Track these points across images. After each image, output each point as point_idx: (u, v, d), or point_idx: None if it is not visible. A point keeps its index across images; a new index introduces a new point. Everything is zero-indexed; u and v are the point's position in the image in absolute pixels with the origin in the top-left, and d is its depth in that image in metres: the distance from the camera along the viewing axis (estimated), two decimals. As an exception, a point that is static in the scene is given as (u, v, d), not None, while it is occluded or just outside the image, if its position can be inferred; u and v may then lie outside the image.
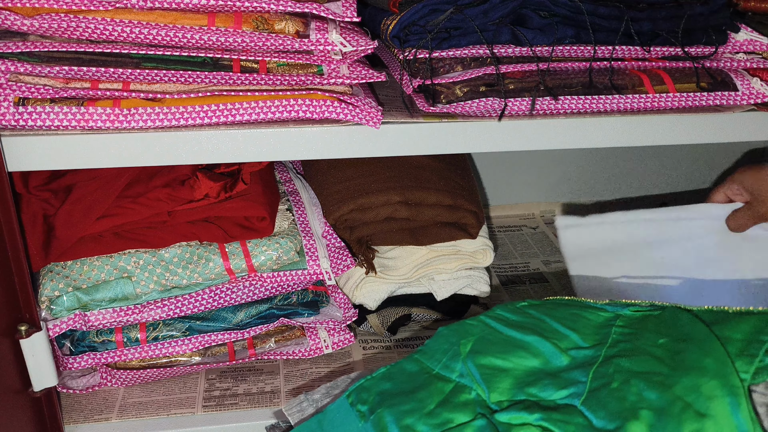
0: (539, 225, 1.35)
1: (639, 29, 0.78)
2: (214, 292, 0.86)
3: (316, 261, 0.88)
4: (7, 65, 0.68)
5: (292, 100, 0.72)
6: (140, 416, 0.85)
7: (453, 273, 0.98)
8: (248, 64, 0.73)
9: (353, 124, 0.74)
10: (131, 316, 0.84)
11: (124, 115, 0.70)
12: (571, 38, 0.77)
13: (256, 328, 0.88)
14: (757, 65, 0.83)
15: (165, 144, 0.71)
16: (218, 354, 0.90)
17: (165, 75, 0.71)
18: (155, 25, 0.69)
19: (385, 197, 0.94)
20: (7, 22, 0.67)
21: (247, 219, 0.86)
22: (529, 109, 0.76)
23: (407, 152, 0.77)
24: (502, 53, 0.76)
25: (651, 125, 0.80)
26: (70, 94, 0.70)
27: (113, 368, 0.88)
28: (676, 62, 0.81)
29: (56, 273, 0.82)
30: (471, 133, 0.76)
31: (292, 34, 0.73)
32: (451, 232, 0.97)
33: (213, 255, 0.85)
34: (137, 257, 0.84)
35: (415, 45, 0.75)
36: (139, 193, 0.82)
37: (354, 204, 0.94)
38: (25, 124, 0.68)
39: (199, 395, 0.89)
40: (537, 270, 1.19)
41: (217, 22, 0.71)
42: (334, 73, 0.74)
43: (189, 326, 0.86)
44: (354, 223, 0.95)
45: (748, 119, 0.82)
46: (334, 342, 0.93)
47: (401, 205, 0.94)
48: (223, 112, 0.71)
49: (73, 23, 0.68)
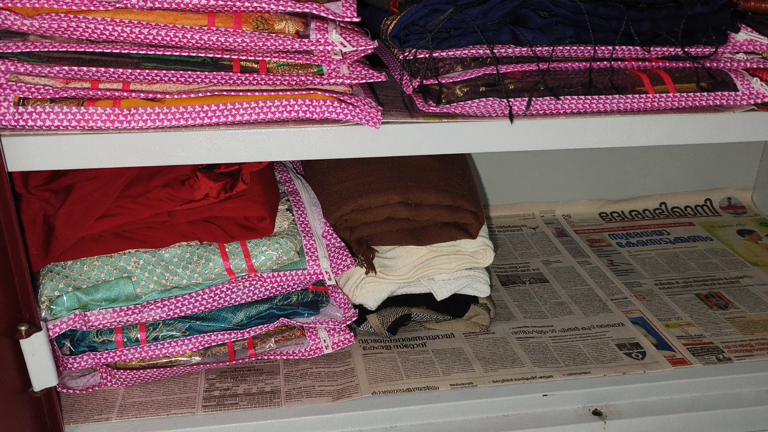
0: (539, 225, 1.35)
1: (639, 29, 0.78)
2: (214, 292, 0.86)
3: (316, 261, 0.88)
4: (7, 65, 0.68)
5: (292, 100, 0.72)
6: (140, 416, 0.85)
7: (453, 273, 0.98)
8: (248, 64, 0.73)
9: (353, 124, 0.74)
10: (131, 316, 0.84)
11: (124, 115, 0.70)
12: (571, 38, 0.77)
13: (256, 328, 0.88)
14: (757, 65, 0.83)
15: (165, 144, 0.71)
16: (218, 354, 0.90)
17: (165, 75, 0.71)
18: (155, 25, 0.69)
19: (385, 197, 0.94)
20: (7, 22, 0.67)
21: (247, 219, 0.86)
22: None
23: (407, 152, 0.77)
24: (502, 53, 0.76)
25: (651, 125, 0.80)
26: (70, 94, 0.70)
27: (113, 368, 0.88)
28: (676, 62, 0.81)
29: (56, 273, 0.82)
30: (471, 133, 0.76)
31: (292, 34, 0.73)
32: (451, 232, 0.97)
33: (213, 255, 0.85)
34: (137, 257, 0.84)
35: (415, 45, 0.75)
36: (139, 193, 0.82)
37: (354, 204, 0.94)
38: (25, 124, 0.68)
39: (199, 395, 0.89)
40: (537, 270, 1.19)
41: (217, 22, 0.71)
42: (334, 73, 0.74)
43: (189, 326, 0.86)
44: (354, 223, 0.95)
45: (748, 119, 0.82)
46: (334, 342, 0.93)
47: (401, 206, 0.94)
48: (223, 112, 0.71)
49: (73, 23, 0.68)
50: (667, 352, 0.99)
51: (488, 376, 0.93)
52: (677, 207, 1.41)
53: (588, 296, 1.12)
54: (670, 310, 1.09)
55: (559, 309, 1.08)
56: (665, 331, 1.03)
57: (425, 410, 0.89)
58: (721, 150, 1.40)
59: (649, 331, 1.03)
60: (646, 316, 1.07)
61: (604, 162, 1.37)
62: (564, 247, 1.26)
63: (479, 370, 0.94)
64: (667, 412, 0.92)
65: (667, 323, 1.05)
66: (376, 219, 0.95)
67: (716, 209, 1.41)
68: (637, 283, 1.16)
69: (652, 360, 0.97)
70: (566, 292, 1.13)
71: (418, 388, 0.91)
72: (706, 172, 1.42)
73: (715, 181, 1.43)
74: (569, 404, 0.91)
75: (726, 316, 1.08)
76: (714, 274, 1.20)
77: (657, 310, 1.08)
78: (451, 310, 1.01)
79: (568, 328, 1.03)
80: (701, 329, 1.04)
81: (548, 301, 1.10)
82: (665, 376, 0.94)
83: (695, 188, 1.43)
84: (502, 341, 1.00)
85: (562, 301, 1.10)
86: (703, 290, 1.15)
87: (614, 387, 0.92)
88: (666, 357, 0.97)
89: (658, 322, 1.05)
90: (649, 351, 0.99)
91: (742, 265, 1.22)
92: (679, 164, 1.40)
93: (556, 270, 1.19)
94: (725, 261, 1.24)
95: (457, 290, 0.99)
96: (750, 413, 0.93)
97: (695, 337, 1.02)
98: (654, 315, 1.07)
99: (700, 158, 1.40)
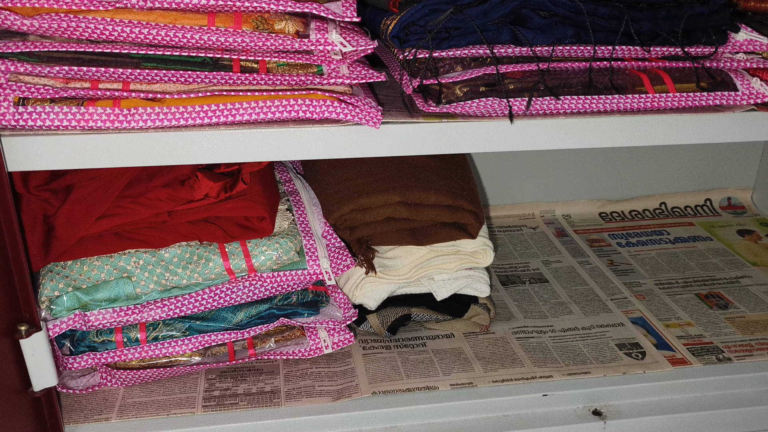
0: (539, 225, 1.35)
1: (639, 29, 0.78)
2: (214, 292, 0.86)
3: (316, 261, 0.88)
4: (7, 65, 0.68)
5: (292, 100, 0.72)
6: (140, 416, 0.85)
7: (453, 273, 0.98)
8: (248, 64, 0.73)
9: (353, 124, 0.74)
10: (131, 316, 0.84)
11: (124, 115, 0.70)
12: (571, 38, 0.77)
13: (256, 328, 0.88)
14: (757, 65, 0.83)
15: (165, 144, 0.71)
16: (218, 354, 0.90)
17: (165, 75, 0.71)
18: (155, 25, 0.69)
19: (385, 197, 0.94)
20: (7, 22, 0.67)
21: (247, 219, 0.86)
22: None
23: (407, 152, 0.77)
24: (502, 53, 0.76)
25: (651, 125, 0.80)
26: (70, 94, 0.70)
27: (113, 368, 0.88)
28: (676, 62, 0.81)
29: (56, 273, 0.82)
30: (471, 133, 0.76)
31: (292, 34, 0.73)
32: (451, 232, 0.97)
33: (213, 255, 0.85)
34: (137, 257, 0.84)
35: (415, 45, 0.75)
36: (139, 193, 0.82)
37: (354, 204, 0.94)
38: (25, 124, 0.68)
39: (199, 395, 0.89)
40: (537, 270, 1.19)
41: (217, 22, 0.71)
42: (334, 73, 0.74)
43: (189, 326, 0.86)
44: (354, 223, 0.95)
45: (748, 119, 0.82)
46: (334, 342, 0.93)
47: (401, 206, 0.94)
48: (223, 112, 0.71)
49: (73, 23, 0.68)
50: (667, 352, 0.99)
51: (488, 376, 0.93)
52: (677, 207, 1.41)
53: (588, 296, 1.12)
54: (670, 310, 1.09)
55: (559, 309, 1.08)
56: (665, 331, 1.03)
57: (425, 410, 0.89)
58: (721, 150, 1.40)
59: (649, 331, 1.03)
60: (646, 316, 1.07)
61: (604, 162, 1.37)
62: (564, 247, 1.26)
63: (479, 370, 0.94)
64: (667, 412, 0.92)
65: (667, 323, 1.05)
66: (376, 219, 0.95)
67: (716, 209, 1.41)
68: (637, 283, 1.16)
69: (652, 360, 0.97)
70: (566, 292, 1.13)
71: (418, 388, 0.91)
72: (706, 172, 1.42)
73: (715, 181, 1.43)
74: (569, 404, 0.91)
75: (726, 316, 1.08)
76: (714, 274, 1.20)
77: (657, 310, 1.08)
78: (451, 310, 1.01)
79: (568, 328, 1.03)
80: (701, 329, 1.04)
81: (548, 301, 1.10)
82: (665, 376, 0.94)
83: (695, 188, 1.43)
84: (502, 341, 1.00)
85: (562, 301, 1.10)
86: (703, 290, 1.15)
87: (614, 387, 0.92)
88: (666, 357, 0.97)
89: (658, 322, 1.05)
90: (649, 351, 0.99)
91: (742, 265, 1.22)
92: (679, 164, 1.40)
93: (556, 270, 1.19)
94: (725, 261, 1.24)
95: (457, 290, 0.99)
96: (750, 413, 0.93)
97: (695, 337, 1.02)
98: (654, 315, 1.07)
99: (700, 158, 1.40)
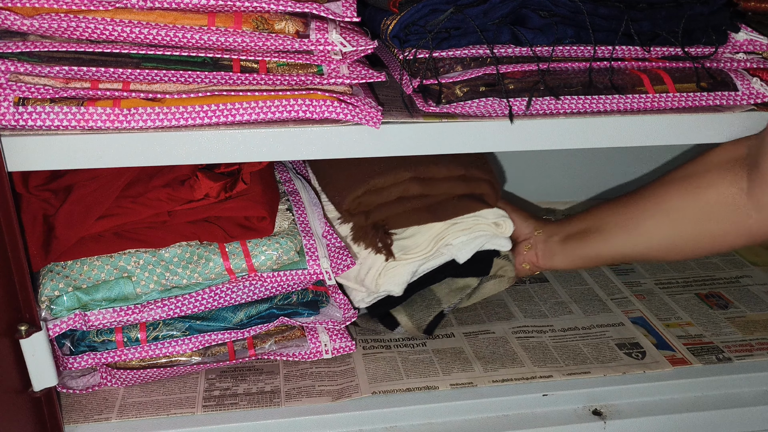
0: (539, 225, 1.34)
1: (639, 29, 0.78)
2: (214, 291, 0.86)
3: (316, 261, 0.88)
4: (7, 65, 0.68)
5: (292, 100, 0.72)
6: (140, 416, 0.85)
7: (470, 233, 0.96)
8: (248, 64, 0.73)
9: (353, 124, 0.74)
10: (131, 316, 0.84)
11: (124, 115, 0.70)
12: (571, 38, 0.77)
13: (256, 328, 0.88)
14: (757, 65, 0.83)
15: (165, 144, 0.71)
16: (218, 354, 0.90)
17: (165, 75, 0.71)
18: (155, 25, 0.69)
19: (396, 175, 0.91)
20: (7, 22, 0.67)
21: (247, 219, 0.86)
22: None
23: (407, 152, 0.77)
24: (502, 53, 0.76)
25: (651, 125, 0.80)
26: (70, 94, 0.70)
27: (113, 368, 0.88)
28: (676, 62, 0.81)
29: (56, 273, 0.82)
30: (471, 133, 0.76)
31: (292, 34, 0.73)
32: (468, 204, 0.95)
33: (213, 255, 0.85)
34: (137, 257, 0.84)
35: (415, 45, 0.75)
36: (139, 193, 0.82)
37: (366, 186, 0.91)
38: (25, 124, 0.68)
39: (199, 395, 0.89)
40: (537, 270, 1.19)
41: (217, 22, 0.71)
42: (334, 73, 0.74)
43: (189, 326, 0.86)
44: (368, 206, 0.93)
45: (748, 119, 0.82)
46: (335, 348, 0.93)
47: (413, 182, 0.92)
48: (223, 112, 0.71)
49: (73, 23, 0.68)
50: (667, 351, 0.99)
51: (488, 375, 0.93)
52: (677, 207, 1.41)
53: (588, 296, 1.12)
54: (670, 309, 1.09)
55: (559, 309, 1.08)
56: (665, 331, 1.03)
57: (425, 410, 0.89)
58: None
59: (649, 331, 1.03)
60: (646, 316, 1.07)
61: (605, 162, 1.37)
62: (564, 247, 1.26)
63: (479, 369, 0.94)
64: (667, 412, 0.92)
65: (667, 323, 1.05)
66: (389, 199, 0.92)
67: (716, 209, 1.41)
68: (637, 283, 1.16)
69: (652, 360, 0.97)
70: (566, 291, 1.13)
71: (418, 388, 0.91)
72: (706, 172, 1.42)
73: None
74: (569, 404, 0.91)
75: (726, 316, 1.08)
76: (714, 273, 1.20)
77: (657, 310, 1.09)
78: (475, 270, 0.99)
79: (568, 328, 1.03)
80: (701, 329, 1.04)
81: (548, 300, 1.10)
82: (665, 376, 0.94)
83: (695, 188, 1.43)
84: (502, 341, 1.00)
85: (562, 300, 1.11)
86: (703, 290, 1.15)
87: (614, 387, 0.92)
88: (666, 357, 0.97)
89: (658, 322, 1.05)
90: (649, 351, 0.99)
91: (742, 264, 1.22)
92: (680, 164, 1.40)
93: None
94: (725, 261, 1.24)
95: (477, 248, 0.97)
96: (750, 413, 0.94)
97: (695, 336, 1.02)
98: (654, 315, 1.07)
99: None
